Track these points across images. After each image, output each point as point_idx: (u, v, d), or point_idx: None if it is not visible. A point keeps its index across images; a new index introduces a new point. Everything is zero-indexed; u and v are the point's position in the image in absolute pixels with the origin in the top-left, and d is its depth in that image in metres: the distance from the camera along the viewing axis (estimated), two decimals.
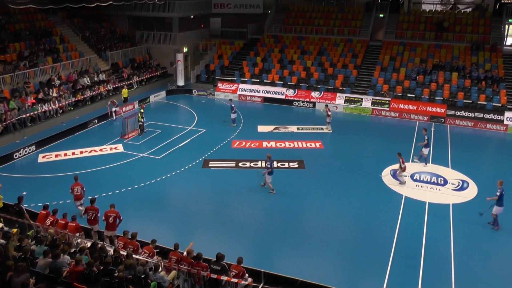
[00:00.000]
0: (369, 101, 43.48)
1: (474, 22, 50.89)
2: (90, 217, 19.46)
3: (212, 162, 29.56)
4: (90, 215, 19.46)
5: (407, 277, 18.70)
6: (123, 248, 16.59)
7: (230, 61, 51.89)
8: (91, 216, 19.44)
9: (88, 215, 19.53)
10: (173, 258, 16.21)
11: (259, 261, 18.40)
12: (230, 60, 52.04)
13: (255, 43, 53.87)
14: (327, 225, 22.66)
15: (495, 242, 21.98)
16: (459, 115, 41.18)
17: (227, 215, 23.46)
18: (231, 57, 52.42)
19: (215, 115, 40.00)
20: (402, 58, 47.96)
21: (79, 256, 14.40)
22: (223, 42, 55.48)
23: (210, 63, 52.11)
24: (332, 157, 31.63)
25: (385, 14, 53.57)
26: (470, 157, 32.71)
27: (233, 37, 56.72)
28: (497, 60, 45.64)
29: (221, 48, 54.36)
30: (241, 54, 52.66)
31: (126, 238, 17.20)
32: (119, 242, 17.17)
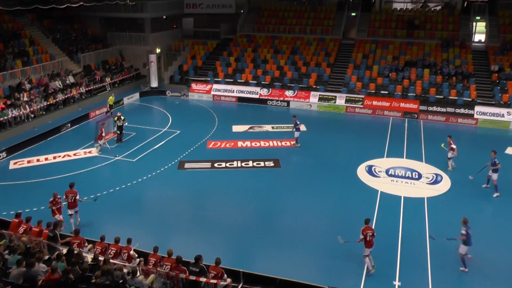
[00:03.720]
0: (342, 98, 43.84)
1: (444, 19, 51.92)
2: (70, 200, 21.06)
3: (187, 164, 29.45)
4: (69, 198, 21.07)
5: (384, 271, 18.93)
6: (101, 254, 16.46)
7: (204, 61, 51.70)
8: (70, 199, 21.07)
9: (68, 199, 21.10)
10: (152, 260, 16.15)
11: (237, 261, 18.42)
12: (204, 60, 51.85)
13: (228, 43, 53.79)
14: (305, 223, 22.83)
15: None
16: (431, 111, 42.03)
17: (204, 216, 23.43)
18: (204, 58, 52.25)
19: (189, 116, 39.89)
20: (375, 55, 48.49)
21: (55, 264, 14.23)
22: (196, 43, 55.25)
23: (183, 63, 51.88)
24: (307, 155, 31.77)
25: (357, 13, 54.05)
26: (443, 151, 33.11)
27: (206, 37, 56.54)
28: (467, 56, 46.69)
29: (194, 48, 54.15)
30: (214, 54, 52.49)
31: (103, 243, 17.06)
32: (97, 247, 17.00)
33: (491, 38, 48.90)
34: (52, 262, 14.68)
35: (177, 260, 15.67)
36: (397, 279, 18.53)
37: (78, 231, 17.76)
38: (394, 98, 43.36)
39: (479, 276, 18.97)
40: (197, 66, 50.94)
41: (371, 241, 18.29)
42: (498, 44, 47.82)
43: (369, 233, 18.22)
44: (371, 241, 18.29)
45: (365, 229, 18.25)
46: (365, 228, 18.31)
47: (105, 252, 16.67)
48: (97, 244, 17.19)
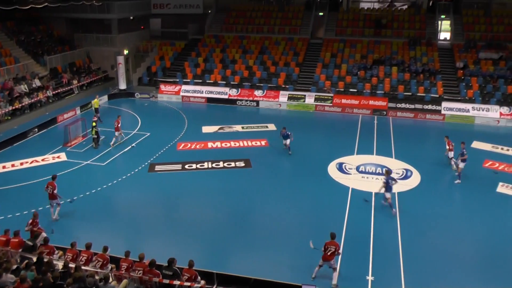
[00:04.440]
0: (312, 97, 44.17)
1: (410, 18, 53.01)
2: (49, 192, 22.06)
3: (158, 166, 29.28)
4: (49, 189, 22.10)
5: (358, 267, 19.24)
6: (72, 261, 16.27)
7: (172, 62, 51.33)
8: (50, 191, 22.06)
9: (47, 190, 22.13)
10: (124, 265, 16.03)
11: (211, 263, 18.49)
12: (172, 61, 51.49)
13: (196, 44, 53.52)
14: (277, 222, 22.97)
15: (439, 226, 23.00)
16: (400, 107, 42.72)
17: (176, 219, 23.43)
18: (173, 58, 51.90)
19: (159, 118, 39.68)
20: (343, 54, 48.97)
21: (23, 273, 14.01)
22: (164, 43, 54.81)
23: (152, 65, 51.43)
24: (278, 155, 31.89)
25: (324, 13, 54.50)
26: (412, 147, 34.01)
27: (174, 38, 56.05)
28: (433, 53, 47.80)
29: (162, 49, 53.71)
30: (183, 55, 52.21)
31: (74, 249, 16.85)
32: (68, 254, 16.78)
33: (456, 36, 50.35)
34: (20, 272, 14.43)
35: (150, 263, 15.63)
36: (370, 274, 18.84)
37: (47, 240, 17.45)
38: (363, 96, 43.91)
39: (449, 269, 19.36)
40: (165, 67, 50.57)
41: (329, 256, 17.79)
42: (463, 42, 49.22)
43: (330, 248, 17.77)
44: (329, 256, 17.79)
45: (328, 243, 17.91)
46: (328, 242, 17.95)
47: (76, 258, 16.46)
48: (68, 251, 16.93)
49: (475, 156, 30.75)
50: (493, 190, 27.01)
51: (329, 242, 17.94)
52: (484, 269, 19.78)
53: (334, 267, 17.95)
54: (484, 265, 20.07)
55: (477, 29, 50.28)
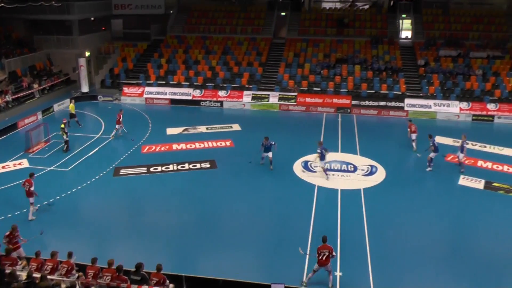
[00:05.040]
0: (276, 97, 44.41)
1: (372, 18, 54.03)
2: (26, 189, 22.75)
3: (123, 170, 28.99)
4: (26, 186, 22.73)
5: None
6: (37, 270, 16.02)
7: (135, 63, 50.88)
8: (27, 188, 22.69)
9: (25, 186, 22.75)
10: (91, 273, 15.86)
11: (179, 266, 18.53)
12: (134, 62, 51.03)
13: (158, 45, 53.15)
14: (245, 222, 23.14)
15: (404, 220, 23.56)
16: (363, 105, 43.50)
17: (143, 223, 23.20)
18: (135, 60, 51.42)
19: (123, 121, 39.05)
20: (306, 54, 49.40)
21: None
22: (126, 45, 54.22)
23: (114, 66, 50.83)
24: (243, 155, 31.85)
25: (287, 13, 54.91)
26: (377, 143, 34.75)
27: (136, 39, 55.41)
28: (395, 52, 48.90)
29: (125, 50, 53.16)
30: (145, 56, 51.77)
31: (39, 259, 16.56)
32: (32, 264, 16.46)
33: (416, 35, 51.64)
34: None
35: (117, 269, 15.53)
36: (338, 269, 19.11)
37: (9, 251, 16.99)
38: (327, 95, 44.43)
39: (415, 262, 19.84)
40: (128, 69, 50.07)
41: (325, 260, 17.70)
42: (423, 40, 50.56)
43: (324, 252, 17.67)
44: (325, 260, 17.70)
45: (321, 247, 17.81)
46: (321, 247, 17.84)
47: (41, 268, 16.15)
48: (32, 261, 16.52)
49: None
50: (455, 183, 27.99)
51: (322, 246, 17.84)
52: (449, 260, 20.34)
53: (329, 270, 17.99)
54: (449, 256, 20.67)
55: (436, 27, 51.62)
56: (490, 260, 20.28)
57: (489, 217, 24.14)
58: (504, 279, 19.11)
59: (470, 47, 48.66)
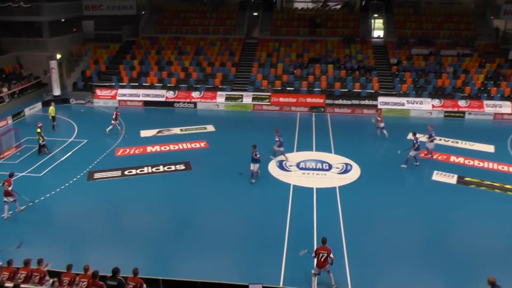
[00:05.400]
0: (249, 97, 44.47)
1: (344, 17, 54.48)
2: (6, 188, 23.09)
3: (97, 174, 28.65)
4: (6, 186, 23.09)
5: (303, 261, 19.34)
6: (9, 280, 15.75)
7: (107, 65, 50.31)
8: (6, 187, 23.08)
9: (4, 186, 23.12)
10: (66, 280, 15.68)
11: (156, 269, 18.52)
12: (107, 64, 50.47)
13: (131, 46, 52.70)
14: (221, 223, 23.08)
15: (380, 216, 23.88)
16: (337, 104, 43.83)
17: (118, 227, 23.09)
18: (108, 62, 50.86)
19: (96, 124, 38.86)
20: (279, 54, 49.59)
21: None
22: (98, 46, 53.54)
23: (86, 69, 50.14)
24: (218, 155, 31.99)
25: (259, 13, 55.04)
26: (351, 141, 35.13)
27: (108, 40, 54.81)
28: (368, 51, 49.44)
29: (97, 52, 52.47)
30: (118, 58, 51.29)
31: (11, 267, 16.27)
32: (4, 273, 16.09)
33: (388, 34, 52.34)
34: None
35: (93, 275, 15.33)
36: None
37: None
38: (300, 94, 44.69)
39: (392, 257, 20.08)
40: (100, 71, 49.51)
41: (323, 262, 17.70)
42: (395, 39, 51.30)
43: (322, 253, 17.69)
44: (323, 262, 17.70)
45: (319, 249, 17.87)
46: (320, 248, 17.89)
47: (14, 277, 15.87)
48: (4, 270, 16.18)
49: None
50: (429, 179, 28.57)
51: (320, 247, 17.89)
52: (425, 255, 20.67)
53: (328, 269, 17.96)
54: (425, 251, 21.02)
55: (408, 26, 52.41)
56: (464, 253, 20.76)
57: (463, 211, 24.72)
58: (477, 271, 19.44)
59: (441, 45, 49.54)
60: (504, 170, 30.23)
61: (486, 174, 29.49)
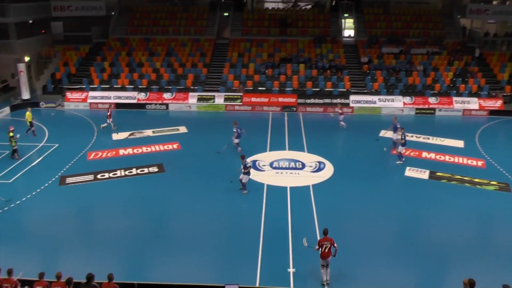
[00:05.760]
0: (221, 97, 44.50)
1: (315, 17, 54.83)
2: None
3: (69, 178, 28.24)
4: None
5: (279, 260, 19.75)
6: None
7: (77, 68, 49.54)
8: None
9: None
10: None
11: (131, 273, 18.43)
12: (77, 66, 49.69)
13: (101, 47, 52.04)
14: (195, 225, 23.03)
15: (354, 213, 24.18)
16: (309, 103, 44.19)
17: (92, 232, 22.72)
18: (78, 64, 50.05)
19: (67, 128, 38.46)
20: (250, 54, 49.70)
21: None
22: (68, 48, 52.57)
23: (56, 71, 49.24)
24: (191, 157, 31.95)
25: (229, 13, 54.93)
26: (323, 140, 35.47)
27: (78, 42, 53.82)
28: (339, 50, 49.91)
29: (66, 54, 51.59)
30: (88, 60, 50.57)
31: None
32: None
33: (359, 33, 52.87)
34: None
35: (67, 282, 15.19)
36: (291, 266, 19.38)
37: None
38: (272, 94, 44.86)
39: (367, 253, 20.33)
40: (70, 74, 48.72)
41: (327, 252, 17.95)
42: (366, 38, 51.78)
43: (325, 244, 17.89)
44: (327, 252, 17.95)
45: (322, 240, 18.07)
46: (322, 239, 18.10)
47: None
48: None
49: (384, 144, 33.49)
50: (401, 174, 29.13)
51: (323, 238, 18.15)
52: (399, 250, 21.09)
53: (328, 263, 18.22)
54: (399, 246, 21.46)
55: (378, 26, 53.11)
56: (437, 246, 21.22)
57: (435, 205, 25.26)
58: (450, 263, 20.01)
59: (411, 44, 50.35)
60: (473, 165, 31.20)
61: (457, 168, 30.31)
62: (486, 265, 19.76)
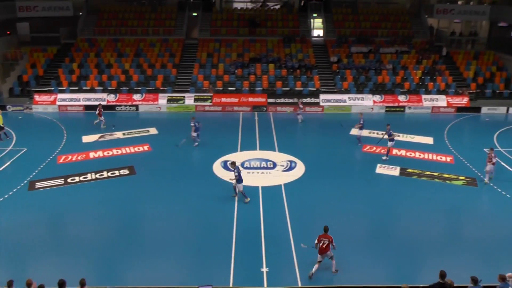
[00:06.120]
0: (191, 98, 44.51)
1: (284, 17, 55.20)
2: None
3: (38, 183, 27.73)
4: None
5: (252, 259, 19.80)
6: None
7: (45, 69, 48.92)
8: None
9: None
10: None
11: (104, 278, 18.28)
12: (45, 68, 49.06)
13: (69, 49, 51.46)
14: (168, 227, 22.91)
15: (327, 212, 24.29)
16: (279, 102, 44.39)
17: (63, 237, 22.35)
18: (46, 65, 49.42)
19: (35, 131, 37.94)
20: (219, 54, 49.76)
21: None
22: (35, 49, 51.90)
23: (23, 73, 48.50)
24: (162, 159, 31.81)
25: (198, 13, 54.99)
26: (294, 139, 35.85)
27: (45, 43, 53.11)
28: (308, 50, 50.24)
29: (33, 56, 50.91)
30: (56, 61, 49.96)
31: None
32: None
33: (328, 33, 53.59)
34: None
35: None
36: (264, 265, 19.39)
37: None
38: (242, 94, 45.04)
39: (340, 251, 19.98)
40: (38, 76, 48.05)
41: (325, 248, 18.46)
42: (335, 38, 52.33)
43: (324, 240, 18.40)
44: (325, 248, 18.46)
45: (321, 236, 18.56)
46: (322, 235, 18.57)
47: None
48: None
49: (354, 142, 34.31)
50: (372, 172, 29.60)
51: (322, 235, 18.54)
52: (373, 247, 21.29)
53: (331, 255, 18.63)
54: (371, 243, 21.70)
55: (347, 25, 53.71)
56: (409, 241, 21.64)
57: (406, 201, 25.79)
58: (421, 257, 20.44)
59: (380, 43, 51.11)
60: (442, 160, 31.97)
61: (426, 165, 30.98)
62: (455, 257, 20.23)
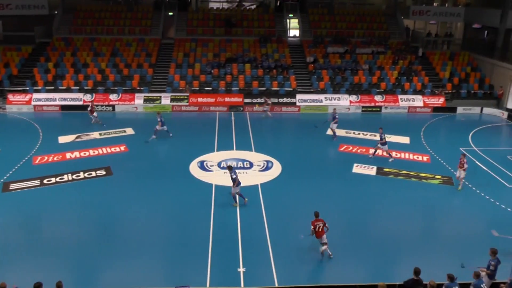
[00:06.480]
0: (168, 98, 44.42)
1: (260, 17, 55.37)
2: None
3: (13, 184, 27.39)
4: None
5: (229, 259, 19.94)
6: None
7: (19, 69, 48.17)
8: None
9: None
10: None
11: (81, 281, 18.31)
12: (19, 68, 48.31)
13: (44, 48, 50.74)
14: (144, 228, 22.90)
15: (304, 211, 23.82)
16: (256, 102, 44.39)
17: (39, 240, 22.12)
18: (20, 65, 48.64)
19: (9, 132, 37.46)
20: (196, 54, 49.71)
21: None
22: (8, 48, 50.85)
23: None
24: (138, 159, 31.72)
25: (174, 12, 54.82)
26: (271, 139, 36.14)
27: (20, 42, 52.04)
28: (284, 50, 50.48)
29: (7, 55, 49.96)
30: (31, 61, 49.20)
31: None
32: None
33: (304, 33, 53.84)
34: None
35: None
36: (241, 265, 19.52)
37: None
38: (219, 94, 45.06)
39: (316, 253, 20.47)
40: (12, 75, 47.26)
41: (321, 231, 19.60)
42: (311, 38, 52.74)
43: (318, 224, 19.61)
44: (321, 231, 19.60)
45: (314, 221, 19.72)
46: (315, 220, 19.75)
47: None
48: None
49: (331, 142, 34.80)
50: (349, 171, 29.98)
51: (315, 220, 19.79)
52: (348, 246, 21.50)
53: (325, 241, 19.71)
54: (348, 242, 21.87)
55: (323, 26, 54.09)
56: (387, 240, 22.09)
57: (383, 200, 26.24)
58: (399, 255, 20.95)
59: (356, 44, 51.53)
60: (419, 160, 32.56)
61: (403, 164, 31.48)
62: (431, 255, 20.59)
